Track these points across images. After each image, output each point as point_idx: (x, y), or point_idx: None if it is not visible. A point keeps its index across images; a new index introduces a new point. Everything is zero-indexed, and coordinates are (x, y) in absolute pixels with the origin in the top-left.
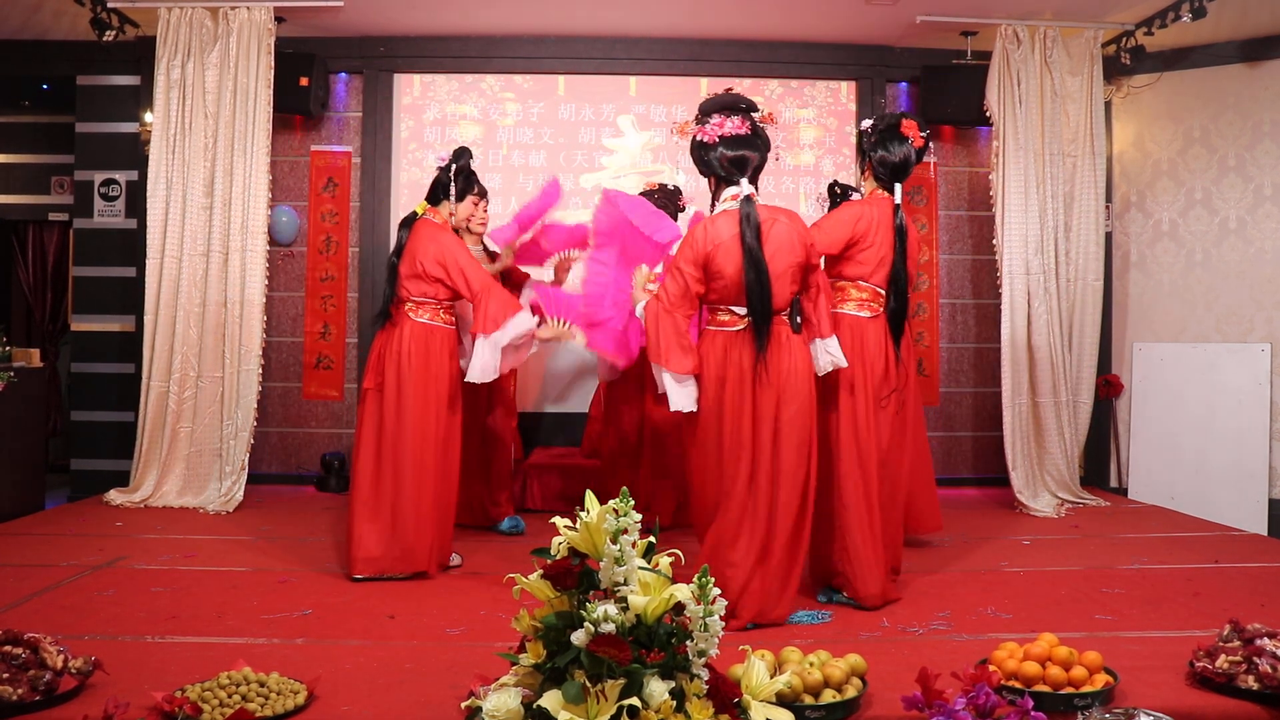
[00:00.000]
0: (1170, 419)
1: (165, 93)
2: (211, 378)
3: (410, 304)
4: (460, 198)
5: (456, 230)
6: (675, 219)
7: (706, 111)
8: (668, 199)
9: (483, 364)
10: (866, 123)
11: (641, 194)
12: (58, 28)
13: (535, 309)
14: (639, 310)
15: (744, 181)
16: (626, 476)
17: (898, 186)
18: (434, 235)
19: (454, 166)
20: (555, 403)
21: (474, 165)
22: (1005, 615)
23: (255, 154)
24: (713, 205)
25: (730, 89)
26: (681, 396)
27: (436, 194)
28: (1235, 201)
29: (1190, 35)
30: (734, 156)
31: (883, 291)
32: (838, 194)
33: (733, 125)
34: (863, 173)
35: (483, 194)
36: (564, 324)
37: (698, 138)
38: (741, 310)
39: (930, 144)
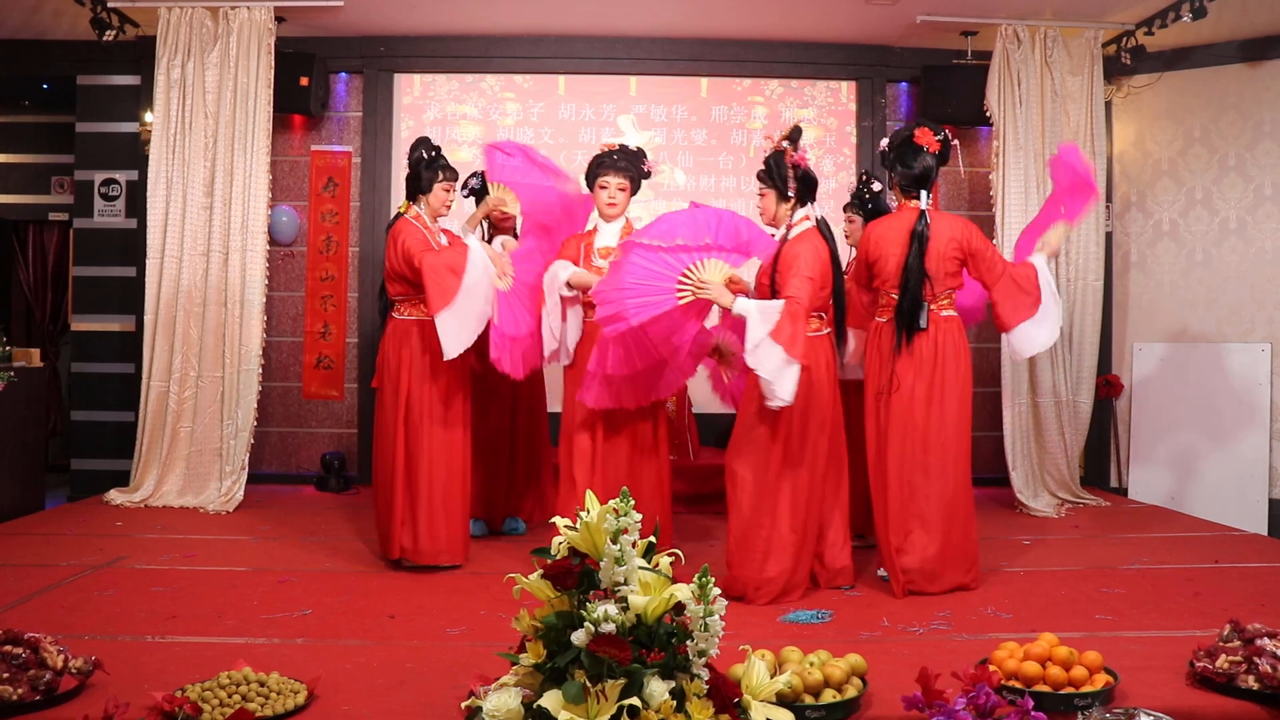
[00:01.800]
0: (1170, 419)
1: (165, 92)
2: (212, 377)
3: (396, 304)
4: (428, 188)
5: (494, 224)
6: (640, 184)
7: (795, 140)
8: (630, 160)
9: (447, 340)
10: (884, 142)
11: (599, 155)
12: (58, 27)
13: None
14: (738, 306)
15: (813, 205)
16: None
17: (924, 194)
18: (395, 234)
19: (408, 163)
20: (556, 402)
21: (475, 166)
22: (1005, 615)
23: (255, 154)
24: (781, 221)
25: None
26: (794, 389)
27: (409, 191)
28: (1235, 201)
29: (1190, 35)
30: (810, 187)
31: (895, 295)
32: (863, 182)
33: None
34: (892, 187)
35: (460, 181)
36: (500, 188)
37: (791, 159)
38: (824, 315)
39: (953, 141)
